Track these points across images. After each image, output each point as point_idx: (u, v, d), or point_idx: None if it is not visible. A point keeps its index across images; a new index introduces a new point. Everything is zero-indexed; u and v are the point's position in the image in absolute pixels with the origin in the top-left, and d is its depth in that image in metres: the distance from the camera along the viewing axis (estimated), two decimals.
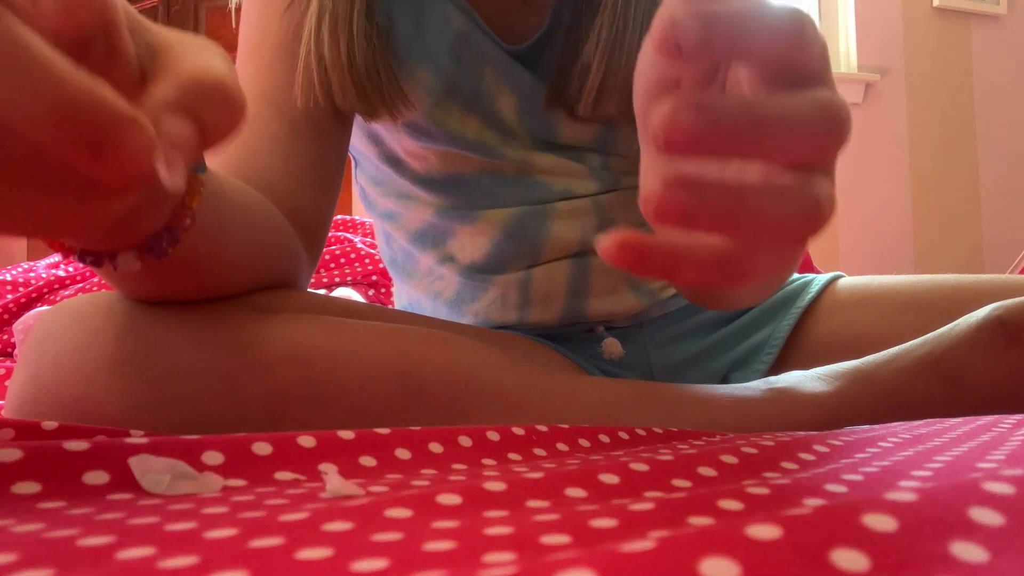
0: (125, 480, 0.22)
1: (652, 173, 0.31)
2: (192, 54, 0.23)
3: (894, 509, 0.14)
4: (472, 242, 0.56)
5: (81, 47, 0.21)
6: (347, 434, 0.27)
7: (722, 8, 0.22)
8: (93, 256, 0.29)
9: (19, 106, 0.18)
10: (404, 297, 0.65)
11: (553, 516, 0.18)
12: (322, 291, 1.22)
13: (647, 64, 0.29)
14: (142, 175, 0.19)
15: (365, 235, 1.47)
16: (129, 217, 0.26)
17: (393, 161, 0.58)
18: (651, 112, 0.23)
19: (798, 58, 0.23)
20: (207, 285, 0.36)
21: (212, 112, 0.22)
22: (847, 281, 0.61)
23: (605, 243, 0.22)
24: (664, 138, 0.20)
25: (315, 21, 0.48)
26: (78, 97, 0.18)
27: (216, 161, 0.46)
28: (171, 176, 0.20)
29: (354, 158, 0.63)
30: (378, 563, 0.15)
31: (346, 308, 0.42)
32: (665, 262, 0.22)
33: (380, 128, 0.56)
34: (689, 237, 0.23)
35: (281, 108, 0.48)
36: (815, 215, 0.22)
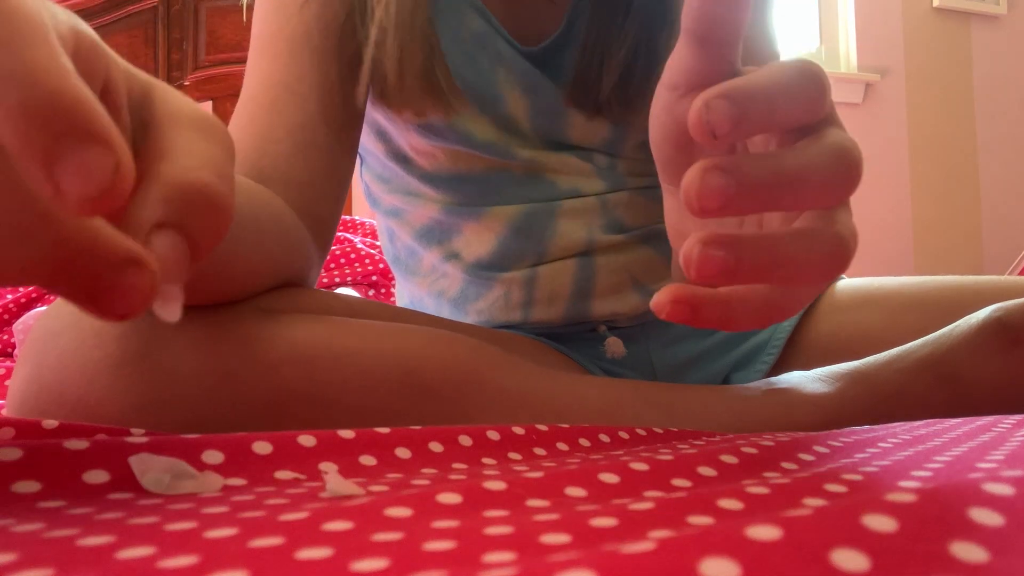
0: (125, 479, 0.22)
1: (684, 230, 0.32)
2: (181, 144, 0.21)
3: (894, 509, 0.14)
4: (478, 239, 0.56)
5: None
6: (347, 433, 0.27)
7: (749, 85, 0.23)
8: None
9: (13, 251, 0.16)
10: (406, 296, 0.65)
11: (553, 516, 0.18)
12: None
13: (662, 109, 0.29)
14: (138, 312, 0.18)
15: (365, 235, 1.47)
16: None
17: (400, 158, 0.58)
18: (678, 175, 0.24)
19: (814, 109, 0.24)
20: (213, 294, 0.36)
21: (199, 221, 0.20)
22: (847, 282, 0.61)
23: (659, 299, 0.23)
24: (698, 205, 0.21)
25: (381, 18, 0.48)
26: (76, 242, 0.17)
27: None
28: (167, 310, 0.20)
29: (360, 156, 0.63)
30: (378, 563, 0.15)
31: (350, 306, 0.42)
32: (718, 314, 0.24)
33: (388, 125, 0.56)
34: (735, 288, 0.24)
35: (297, 99, 0.48)
36: (843, 250, 0.24)
